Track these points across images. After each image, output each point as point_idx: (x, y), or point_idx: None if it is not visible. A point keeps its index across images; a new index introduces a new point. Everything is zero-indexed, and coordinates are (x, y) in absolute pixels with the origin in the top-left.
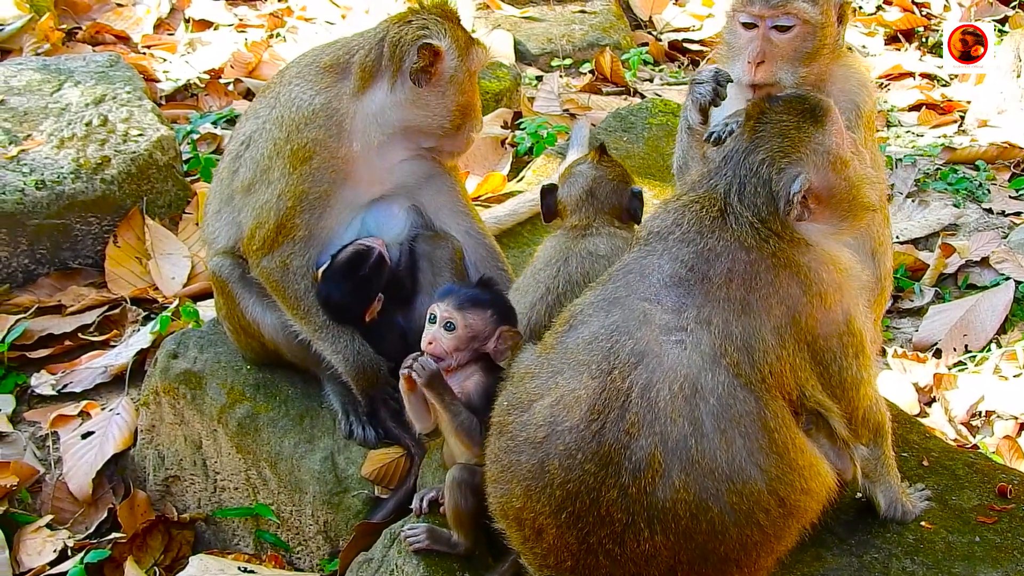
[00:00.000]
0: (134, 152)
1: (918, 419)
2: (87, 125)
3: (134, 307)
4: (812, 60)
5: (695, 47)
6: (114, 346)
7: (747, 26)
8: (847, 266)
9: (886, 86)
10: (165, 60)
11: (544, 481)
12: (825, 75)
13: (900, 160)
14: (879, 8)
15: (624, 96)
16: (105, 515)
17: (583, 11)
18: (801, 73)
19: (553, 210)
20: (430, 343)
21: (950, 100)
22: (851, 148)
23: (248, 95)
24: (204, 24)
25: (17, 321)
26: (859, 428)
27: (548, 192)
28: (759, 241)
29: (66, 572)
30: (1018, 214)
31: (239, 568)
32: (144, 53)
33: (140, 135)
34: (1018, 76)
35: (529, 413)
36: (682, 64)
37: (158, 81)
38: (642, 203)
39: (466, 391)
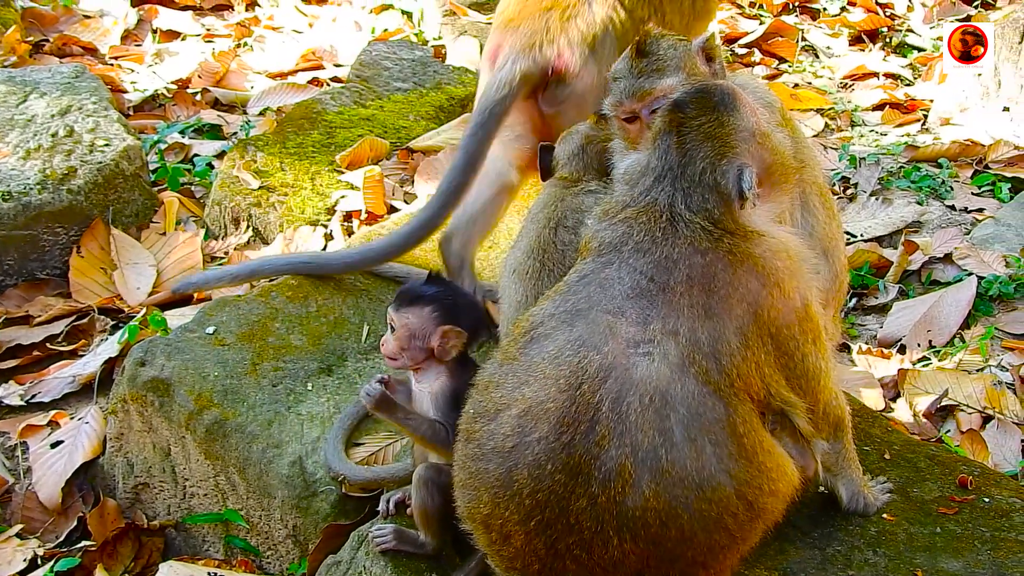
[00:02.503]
0: (100, 162)
1: (881, 413)
2: (53, 136)
3: (102, 316)
4: None
5: None
6: (82, 356)
7: (628, 120)
8: (797, 251)
9: (850, 87)
10: (132, 71)
11: (512, 490)
12: None
13: (864, 159)
14: (843, 9)
15: None
16: (75, 524)
17: None
18: None
19: (548, 168)
20: (382, 346)
21: (913, 99)
22: (763, 117)
23: (216, 104)
24: (171, 35)
25: None
26: (820, 422)
27: (545, 151)
28: (714, 242)
29: None
30: (980, 211)
31: (209, 574)
32: (111, 64)
33: (106, 145)
34: (979, 75)
35: (496, 423)
36: None
37: (126, 92)
38: None
39: (433, 393)
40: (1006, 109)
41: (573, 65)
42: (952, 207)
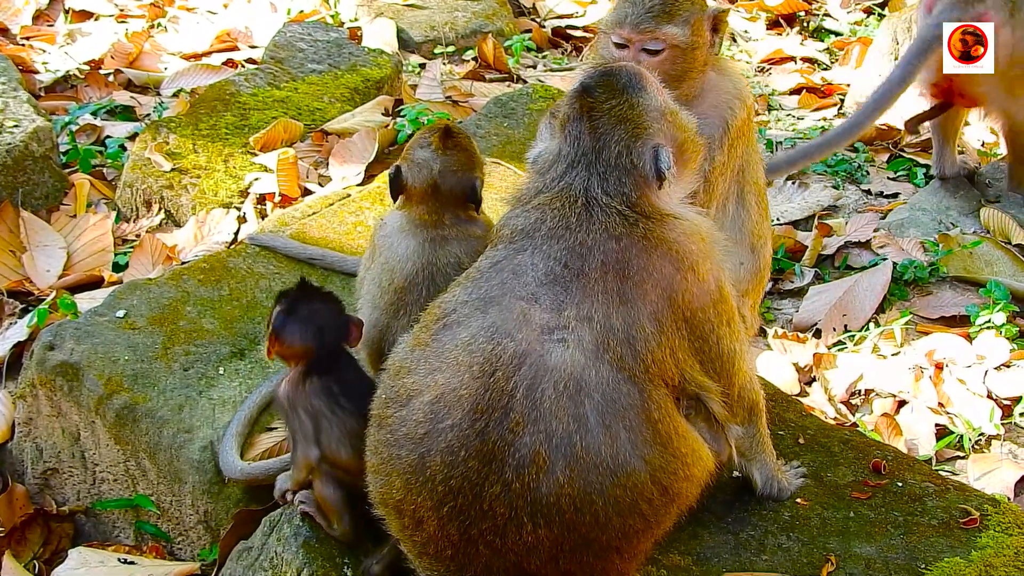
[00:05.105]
0: (9, 144)
1: (795, 398)
2: None
3: (11, 300)
4: (681, 81)
5: (579, 34)
6: None
7: (618, 46)
8: (708, 234)
9: (767, 71)
10: (44, 51)
11: (425, 476)
12: (696, 89)
13: (780, 143)
14: None
15: (507, 83)
16: None
17: None
18: (671, 92)
19: (401, 191)
20: None
21: (830, 83)
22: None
23: (129, 85)
24: (84, 15)
25: None
26: (735, 406)
27: (396, 175)
28: (628, 226)
29: None
30: (896, 195)
31: (119, 559)
32: (23, 44)
33: (15, 126)
34: (895, 59)
35: (408, 409)
36: (566, 51)
37: (37, 72)
38: (480, 196)
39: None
40: (922, 94)
41: (996, 20)
42: (868, 191)
